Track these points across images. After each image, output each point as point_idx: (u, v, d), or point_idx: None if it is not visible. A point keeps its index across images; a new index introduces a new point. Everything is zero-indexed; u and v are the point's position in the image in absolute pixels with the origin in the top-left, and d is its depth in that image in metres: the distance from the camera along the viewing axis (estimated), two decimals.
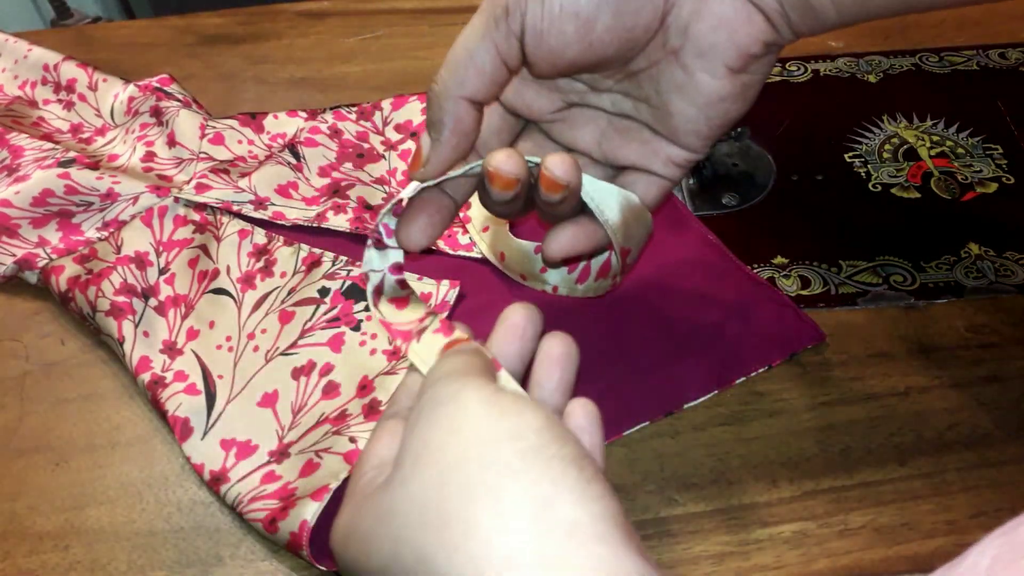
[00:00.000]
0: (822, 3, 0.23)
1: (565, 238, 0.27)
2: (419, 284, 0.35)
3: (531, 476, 0.17)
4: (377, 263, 0.28)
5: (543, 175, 0.24)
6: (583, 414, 0.22)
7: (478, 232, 0.37)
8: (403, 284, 0.28)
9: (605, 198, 0.26)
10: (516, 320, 0.24)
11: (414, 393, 0.23)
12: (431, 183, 0.26)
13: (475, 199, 0.34)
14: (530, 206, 0.28)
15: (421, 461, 0.18)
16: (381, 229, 0.27)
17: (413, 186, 0.26)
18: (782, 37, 0.24)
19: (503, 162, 0.24)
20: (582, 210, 0.27)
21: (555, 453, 0.18)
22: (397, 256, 0.28)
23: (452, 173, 0.25)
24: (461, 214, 0.38)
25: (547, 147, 0.29)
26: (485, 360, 0.22)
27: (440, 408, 0.19)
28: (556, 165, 0.24)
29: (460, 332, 0.25)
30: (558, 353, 0.23)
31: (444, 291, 0.35)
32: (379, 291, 0.28)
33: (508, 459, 0.18)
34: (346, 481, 0.29)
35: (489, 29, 0.23)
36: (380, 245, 0.27)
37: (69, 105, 0.44)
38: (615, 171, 0.29)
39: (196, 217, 0.38)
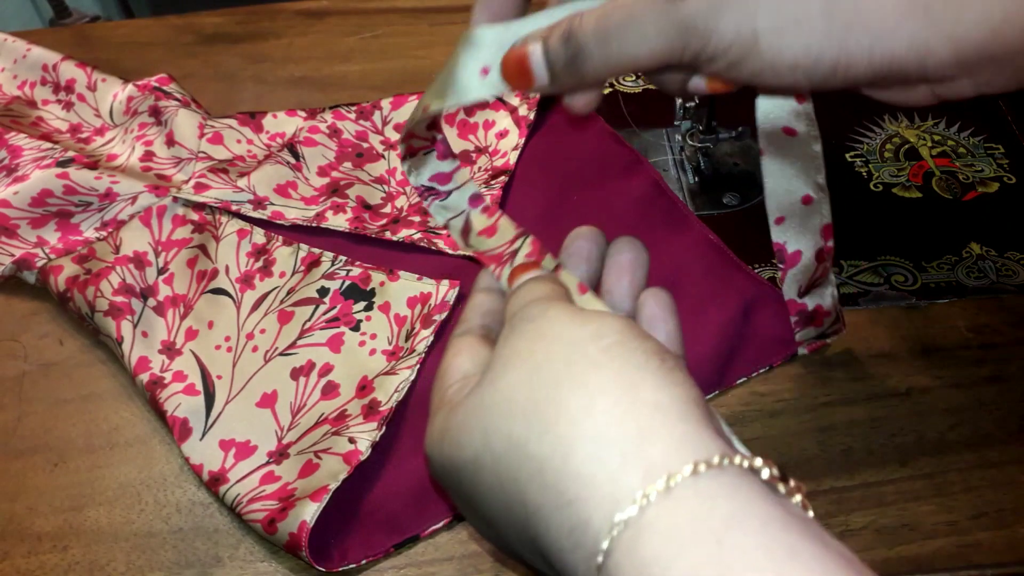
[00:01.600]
0: None
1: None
2: (419, 284, 0.35)
3: (615, 366, 0.18)
4: (454, 205, 0.26)
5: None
6: (655, 303, 0.23)
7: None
8: (489, 210, 0.27)
9: None
10: (581, 244, 0.24)
11: (485, 311, 0.24)
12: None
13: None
14: None
15: (510, 364, 0.19)
16: (428, 183, 0.26)
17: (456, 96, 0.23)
18: None
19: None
20: None
21: (637, 347, 0.19)
22: (470, 190, 0.27)
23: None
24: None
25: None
26: (563, 286, 0.23)
27: (528, 324, 0.20)
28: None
29: (548, 260, 0.25)
30: (627, 259, 0.24)
31: (444, 291, 0.35)
32: (466, 231, 0.27)
33: (593, 355, 0.18)
34: (345, 482, 0.29)
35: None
36: (439, 195, 0.26)
37: (68, 105, 0.44)
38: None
39: (195, 217, 0.38)
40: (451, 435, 0.20)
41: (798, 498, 0.17)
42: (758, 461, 0.17)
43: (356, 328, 0.34)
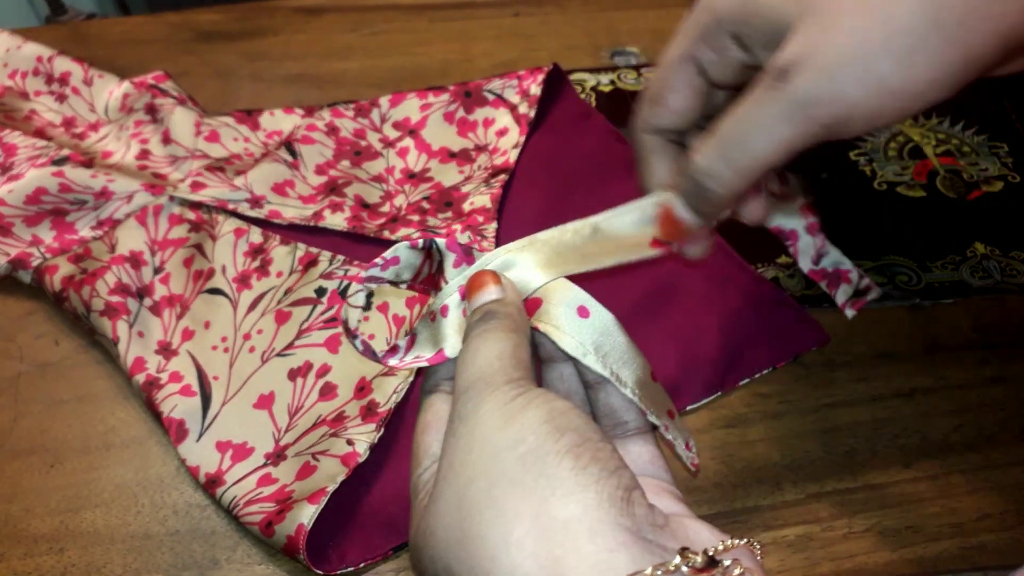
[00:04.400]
0: None
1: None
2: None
3: (528, 481, 0.18)
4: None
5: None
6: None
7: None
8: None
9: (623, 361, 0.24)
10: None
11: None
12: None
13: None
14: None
15: (447, 482, 0.19)
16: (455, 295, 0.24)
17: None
18: None
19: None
20: None
21: (551, 448, 0.18)
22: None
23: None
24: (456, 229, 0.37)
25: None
26: (516, 329, 0.22)
27: (462, 426, 0.20)
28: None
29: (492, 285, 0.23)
30: None
31: None
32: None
33: (510, 469, 0.18)
34: (343, 484, 0.28)
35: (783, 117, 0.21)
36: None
37: (61, 97, 0.44)
38: None
39: (191, 216, 0.38)
40: (415, 555, 0.20)
41: (742, 551, 0.17)
42: (675, 560, 0.16)
43: None
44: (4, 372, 0.34)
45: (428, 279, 0.25)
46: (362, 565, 0.28)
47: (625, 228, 0.24)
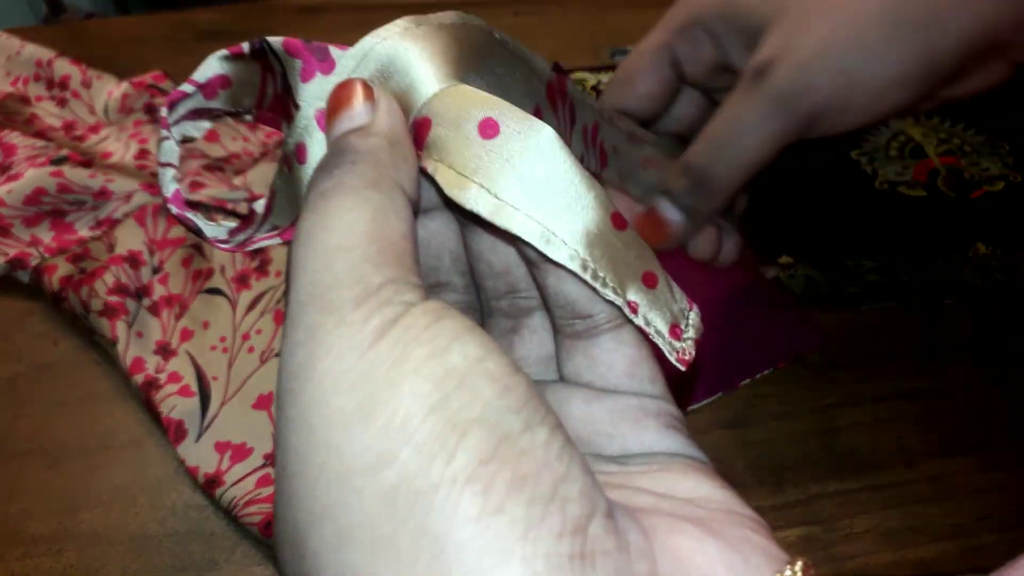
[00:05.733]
0: None
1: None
2: None
3: (403, 545, 0.10)
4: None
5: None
6: None
7: None
8: None
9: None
10: None
11: None
12: None
13: None
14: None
15: (280, 493, 0.12)
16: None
17: None
18: None
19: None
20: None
21: (440, 474, 0.10)
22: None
23: None
24: None
25: (704, 107, 0.27)
26: (383, 174, 0.13)
27: (291, 401, 0.11)
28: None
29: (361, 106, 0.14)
30: None
31: None
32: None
33: (370, 516, 0.10)
34: None
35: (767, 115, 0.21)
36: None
37: (62, 102, 0.44)
38: None
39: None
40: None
41: None
42: None
43: None
44: (2, 372, 0.34)
45: (276, 101, 0.15)
46: None
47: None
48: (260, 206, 0.15)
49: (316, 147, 0.14)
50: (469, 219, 0.15)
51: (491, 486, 0.10)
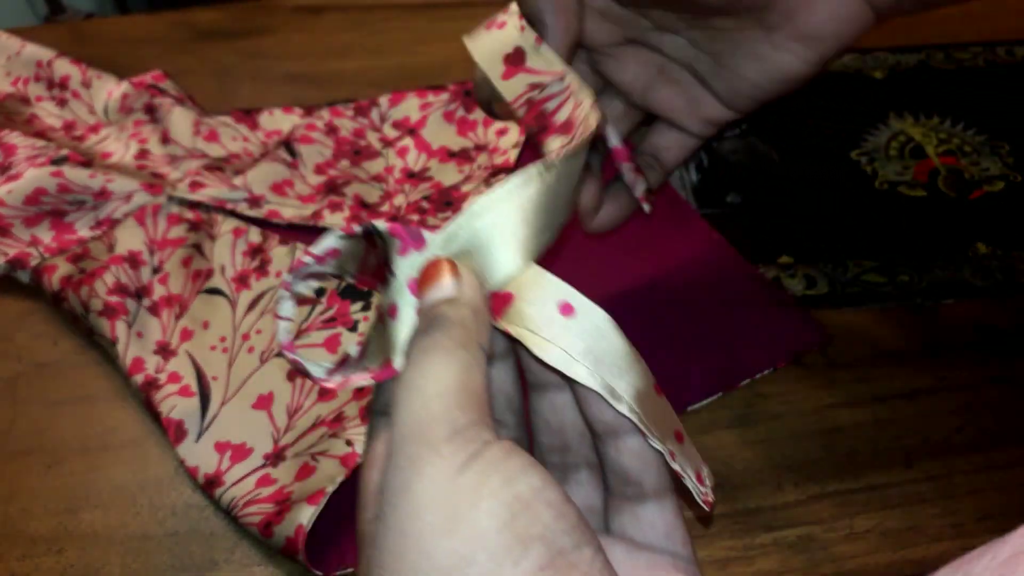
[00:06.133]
0: None
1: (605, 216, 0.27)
2: None
3: None
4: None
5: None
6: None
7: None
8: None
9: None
10: None
11: None
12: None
13: None
14: None
15: (379, 562, 0.15)
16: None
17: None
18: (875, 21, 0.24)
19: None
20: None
21: (509, 559, 0.14)
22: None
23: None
24: None
25: (588, 79, 0.27)
26: (469, 337, 0.17)
27: (393, 513, 0.15)
28: None
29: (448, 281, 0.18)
30: None
31: None
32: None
33: None
34: (343, 485, 0.28)
35: None
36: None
37: (62, 102, 0.44)
38: (645, 118, 0.29)
39: (190, 215, 0.38)
40: None
41: None
42: None
43: (353, 329, 0.34)
44: (2, 372, 0.34)
45: (377, 270, 0.19)
46: None
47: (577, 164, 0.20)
48: (354, 351, 0.19)
49: (406, 308, 0.18)
50: (538, 381, 0.20)
51: None
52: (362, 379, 0.18)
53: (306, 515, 0.27)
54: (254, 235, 0.37)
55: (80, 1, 0.93)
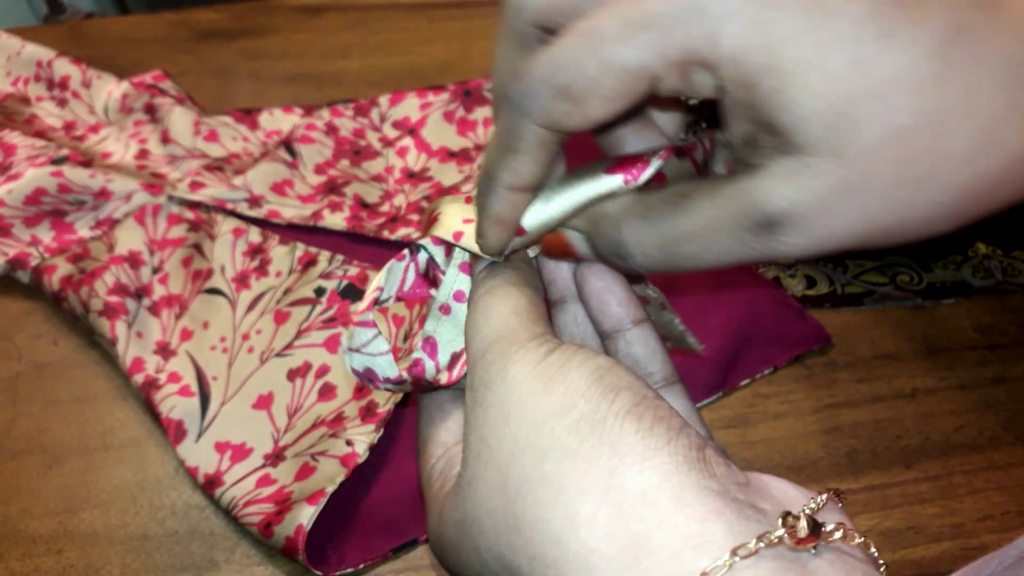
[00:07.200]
0: None
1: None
2: None
3: (588, 451, 0.15)
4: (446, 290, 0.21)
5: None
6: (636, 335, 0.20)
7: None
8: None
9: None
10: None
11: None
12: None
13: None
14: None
15: (481, 460, 0.17)
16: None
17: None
18: None
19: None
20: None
21: (608, 411, 0.16)
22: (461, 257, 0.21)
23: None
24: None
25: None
26: (528, 283, 0.19)
27: (489, 394, 0.17)
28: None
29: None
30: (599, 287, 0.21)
31: None
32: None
33: (562, 440, 0.16)
34: (342, 485, 0.28)
35: None
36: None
37: (62, 102, 0.44)
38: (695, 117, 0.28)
39: (190, 215, 0.38)
40: (450, 553, 0.18)
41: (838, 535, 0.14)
42: (779, 531, 0.14)
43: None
44: (2, 372, 0.34)
45: (416, 281, 0.21)
46: (361, 566, 0.28)
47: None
48: (420, 352, 0.21)
49: (467, 288, 0.21)
50: (560, 295, 0.22)
51: (642, 417, 0.15)
52: (437, 384, 0.20)
53: (306, 515, 0.27)
54: (254, 235, 0.37)
55: (80, 1, 0.93)
